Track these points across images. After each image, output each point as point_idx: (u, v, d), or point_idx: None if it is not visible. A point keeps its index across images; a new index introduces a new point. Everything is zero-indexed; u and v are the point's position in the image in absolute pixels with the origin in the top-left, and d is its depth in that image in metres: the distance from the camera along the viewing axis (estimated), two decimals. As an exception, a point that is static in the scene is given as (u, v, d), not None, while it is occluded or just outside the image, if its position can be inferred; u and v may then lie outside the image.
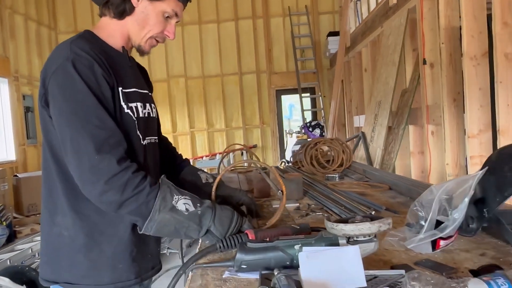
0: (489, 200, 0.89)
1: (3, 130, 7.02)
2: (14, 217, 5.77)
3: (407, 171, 4.81)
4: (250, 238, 1.07)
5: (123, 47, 1.20)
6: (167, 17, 1.19)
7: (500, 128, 2.81)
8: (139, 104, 1.19)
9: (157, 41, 1.23)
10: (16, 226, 5.57)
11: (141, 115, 1.19)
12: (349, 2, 6.70)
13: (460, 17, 3.33)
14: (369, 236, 0.86)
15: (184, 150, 8.95)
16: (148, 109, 1.24)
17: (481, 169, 0.91)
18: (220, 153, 8.80)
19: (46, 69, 1.09)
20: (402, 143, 4.40)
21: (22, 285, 2.45)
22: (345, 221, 0.91)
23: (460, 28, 3.39)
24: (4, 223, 4.99)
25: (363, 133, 5.03)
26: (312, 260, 0.79)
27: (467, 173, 3.57)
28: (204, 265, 0.99)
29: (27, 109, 7.61)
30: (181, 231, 1.06)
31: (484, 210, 0.90)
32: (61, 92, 1.05)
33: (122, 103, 1.13)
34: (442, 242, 0.90)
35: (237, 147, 8.24)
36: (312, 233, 1.03)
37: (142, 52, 1.24)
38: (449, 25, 3.57)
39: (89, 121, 1.03)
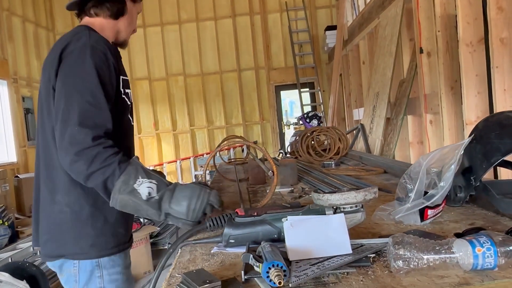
0: (476, 168, 0.89)
1: (3, 131, 7.04)
2: (16, 218, 5.79)
3: (406, 161, 4.80)
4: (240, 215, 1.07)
5: (113, 42, 1.34)
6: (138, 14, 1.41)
7: (497, 113, 2.80)
8: (128, 91, 1.33)
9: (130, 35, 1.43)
10: (18, 226, 5.59)
11: (131, 100, 1.35)
12: (346, -5, 6.68)
13: (455, 4, 3.32)
14: (356, 206, 0.86)
15: (184, 148, 8.96)
16: (131, 99, 1.37)
17: (469, 137, 0.91)
18: (221, 150, 8.80)
19: (63, 48, 1.20)
20: (401, 133, 4.39)
21: (22, 280, 2.46)
22: (331, 193, 0.91)
23: (456, 16, 3.37)
24: (6, 223, 5.01)
25: (362, 125, 5.02)
26: (296, 228, 0.79)
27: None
28: (193, 241, 0.99)
29: (27, 111, 7.62)
30: (142, 213, 1.09)
31: (472, 178, 0.90)
32: (70, 70, 1.17)
33: (121, 89, 1.27)
34: (430, 212, 0.90)
35: (237, 140, 8.26)
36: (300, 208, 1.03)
37: (125, 45, 1.42)
38: (445, 12, 3.55)
39: (84, 97, 1.13)
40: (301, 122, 4.14)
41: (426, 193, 0.94)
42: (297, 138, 2.63)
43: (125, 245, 1.28)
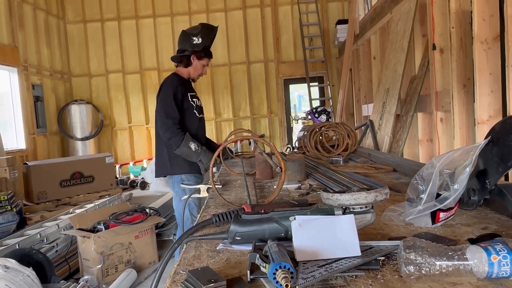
0: (491, 171, 0.86)
1: (13, 119, 7.10)
2: (24, 205, 5.85)
3: (415, 159, 4.75)
4: (246, 211, 1.06)
5: (188, 78, 2.78)
6: (204, 66, 2.76)
7: (510, 113, 2.74)
8: (195, 99, 2.74)
9: (200, 75, 2.82)
10: (26, 213, 5.65)
11: (196, 104, 2.75)
12: (358, -12, 6.58)
13: (471, 0, 3.24)
14: (366, 206, 0.84)
15: (192, 140, 8.95)
16: (200, 103, 2.82)
17: (485, 139, 0.88)
18: (228, 143, 8.78)
19: (162, 83, 2.72)
20: (411, 131, 4.34)
21: (29, 267, 2.47)
22: (341, 192, 0.89)
23: (471, 12, 3.30)
24: (14, 209, 5.06)
25: (371, 121, 4.96)
26: (304, 228, 0.77)
27: (476, 160, 3.50)
28: (199, 237, 0.98)
29: (37, 99, 7.66)
30: (190, 157, 2.57)
31: (486, 181, 0.87)
32: (163, 93, 2.64)
33: (189, 99, 2.68)
34: (442, 215, 0.87)
35: (245, 134, 8.23)
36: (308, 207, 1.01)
37: (193, 81, 2.84)
38: (460, 8, 3.48)
39: (166, 105, 2.59)
40: (309, 117, 4.11)
41: (438, 195, 0.91)
42: (305, 133, 2.60)
43: (190, 170, 2.67)
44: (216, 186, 1.75)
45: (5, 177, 5.55)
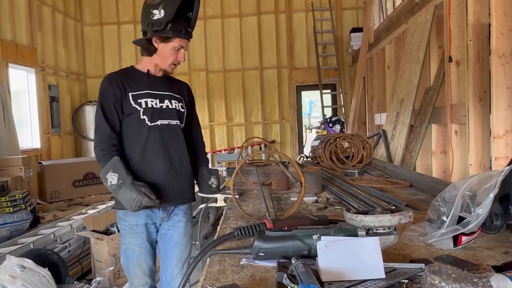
0: (515, 197, 0.87)
1: (29, 118, 7.22)
2: (38, 203, 5.94)
3: (428, 171, 4.71)
4: (268, 227, 1.08)
5: (148, 70, 1.90)
6: (177, 49, 1.85)
7: (528, 129, 2.72)
8: (149, 100, 1.86)
9: (175, 65, 1.90)
10: (40, 212, 5.74)
11: (149, 106, 1.85)
12: (374, -3, 6.59)
13: (489, 13, 3.23)
14: (389, 228, 0.85)
15: (203, 143, 9.01)
16: (167, 103, 1.90)
17: (508, 165, 0.88)
18: (238, 147, 8.83)
19: None
20: (424, 142, 4.31)
21: (44, 267, 2.52)
22: (364, 213, 0.90)
23: (489, 25, 3.29)
24: (28, 208, 5.15)
25: (384, 131, 4.95)
26: (330, 249, 0.79)
27: (491, 175, 3.48)
28: (222, 251, 1.00)
29: (52, 99, 7.79)
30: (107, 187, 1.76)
31: (510, 207, 0.88)
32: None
33: (131, 101, 1.84)
34: (464, 238, 0.88)
35: (256, 140, 8.27)
36: (330, 225, 1.03)
37: (167, 73, 1.93)
38: (477, 22, 3.46)
39: (97, 115, 1.84)
40: (323, 126, 4.12)
41: (460, 217, 0.92)
42: (320, 143, 2.62)
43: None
44: (229, 196, 1.78)
45: (21, 175, 5.65)
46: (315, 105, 9.54)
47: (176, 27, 1.80)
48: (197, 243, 4.30)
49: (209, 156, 8.82)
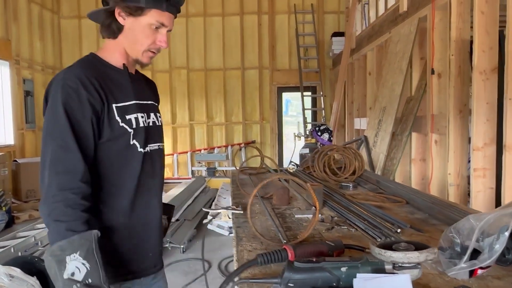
0: (526, 233, 0.95)
1: (2, 113, 6.96)
2: (12, 203, 5.76)
3: (406, 177, 4.90)
4: (289, 254, 1.12)
5: (123, 64, 1.30)
6: (156, 28, 1.25)
7: (506, 144, 2.88)
8: (139, 115, 1.28)
9: (153, 52, 1.30)
10: (14, 211, 5.57)
11: (141, 124, 1.28)
12: (357, 4, 6.73)
13: (471, 27, 3.38)
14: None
15: (183, 142, 8.97)
16: (153, 118, 1.35)
17: (520, 203, 0.96)
18: (218, 147, 8.83)
19: (47, 89, 1.23)
20: (404, 149, 4.47)
21: (32, 276, 2.47)
22: (389, 246, 0.96)
23: (471, 42, 3.44)
24: (4, 208, 4.99)
25: (365, 137, 5.09)
26: (366, 285, 0.84)
27: (468, 184, 3.65)
28: (250, 280, 1.03)
29: (27, 93, 7.54)
30: (56, 285, 1.09)
31: (521, 242, 0.96)
32: (47, 112, 1.19)
33: (117, 118, 1.23)
34: (479, 271, 0.96)
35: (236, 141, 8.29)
36: (346, 251, 1.09)
37: (142, 65, 1.33)
38: (459, 37, 3.62)
39: (54, 140, 1.14)
40: (312, 135, 4.22)
41: (475, 250, 0.99)
42: (313, 153, 2.68)
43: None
44: (237, 211, 1.81)
45: (-5, 174, 5.46)
46: (291, 104, 9.64)
47: None
48: (182, 246, 4.31)
49: (188, 154, 8.79)
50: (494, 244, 0.93)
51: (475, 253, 1.01)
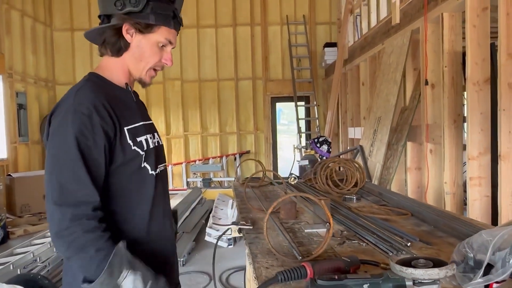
0: (537, 248, 0.99)
1: (-5, 127, 6.91)
2: (7, 218, 5.69)
3: (402, 186, 4.98)
4: (308, 271, 1.15)
5: (126, 83, 1.27)
6: (163, 46, 1.25)
7: (501, 154, 2.96)
8: (148, 136, 1.26)
9: (156, 70, 1.29)
10: (9, 226, 5.50)
11: (151, 146, 1.26)
12: (349, 16, 6.86)
13: (464, 38, 3.47)
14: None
15: (177, 153, 8.96)
16: (157, 138, 1.32)
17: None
18: (213, 158, 8.84)
19: (53, 112, 1.17)
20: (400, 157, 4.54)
21: (36, 294, 2.46)
22: (408, 262, 1.00)
23: (463, 53, 3.55)
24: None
25: (361, 147, 5.16)
26: (391, 303, 0.87)
27: (464, 192, 3.73)
28: (273, 298, 1.06)
29: (20, 106, 7.49)
30: None
31: (533, 256, 1.00)
32: (52, 139, 1.13)
33: (129, 141, 1.19)
34: (495, 285, 1.00)
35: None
36: (362, 266, 1.13)
37: (143, 84, 1.30)
38: (452, 49, 3.73)
39: (62, 171, 1.09)
40: (311, 146, 4.28)
41: (488, 264, 1.04)
42: (315, 166, 2.72)
43: None
44: (246, 227, 1.84)
45: (-11, 189, 5.40)
46: (282, 113, 9.74)
47: (161, 8, 1.20)
48: (182, 259, 4.30)
49: (183, 165, 8.78)
50: (507, 258, 0.98)
51: (488, 267, 1.06)
